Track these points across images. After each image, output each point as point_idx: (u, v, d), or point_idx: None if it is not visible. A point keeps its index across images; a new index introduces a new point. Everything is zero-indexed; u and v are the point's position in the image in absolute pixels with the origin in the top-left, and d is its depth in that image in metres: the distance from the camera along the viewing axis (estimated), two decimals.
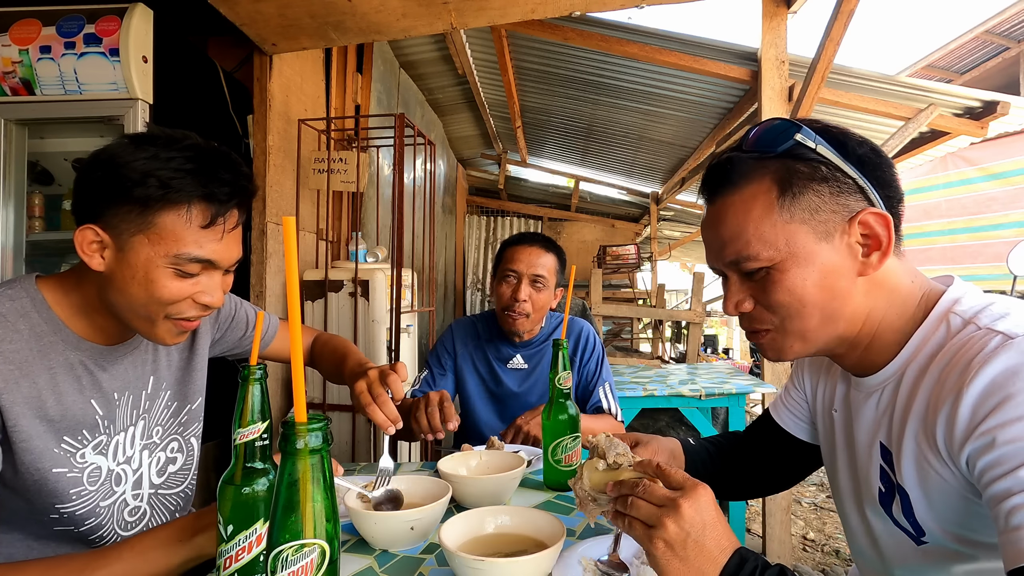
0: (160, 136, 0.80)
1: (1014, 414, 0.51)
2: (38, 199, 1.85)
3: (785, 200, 0.65)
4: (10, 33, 1.69)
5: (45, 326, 0.82)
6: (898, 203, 0.68)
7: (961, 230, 6.32)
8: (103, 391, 0.88)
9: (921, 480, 0.64)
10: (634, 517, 0.65)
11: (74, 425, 0.84)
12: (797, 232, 0.65)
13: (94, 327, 0.87)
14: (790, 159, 0.66)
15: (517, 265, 1.57)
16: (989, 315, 0.61)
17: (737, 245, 0.68)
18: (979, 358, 0.56)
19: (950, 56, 7.62)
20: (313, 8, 1.77)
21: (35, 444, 0.79)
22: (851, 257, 0.66)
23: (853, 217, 0.65)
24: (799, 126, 0.65)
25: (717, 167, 0.71)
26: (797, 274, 0.65)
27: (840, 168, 0.65)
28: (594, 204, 7.13)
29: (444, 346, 1.70)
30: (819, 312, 0.67)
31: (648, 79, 3.42)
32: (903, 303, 0.68)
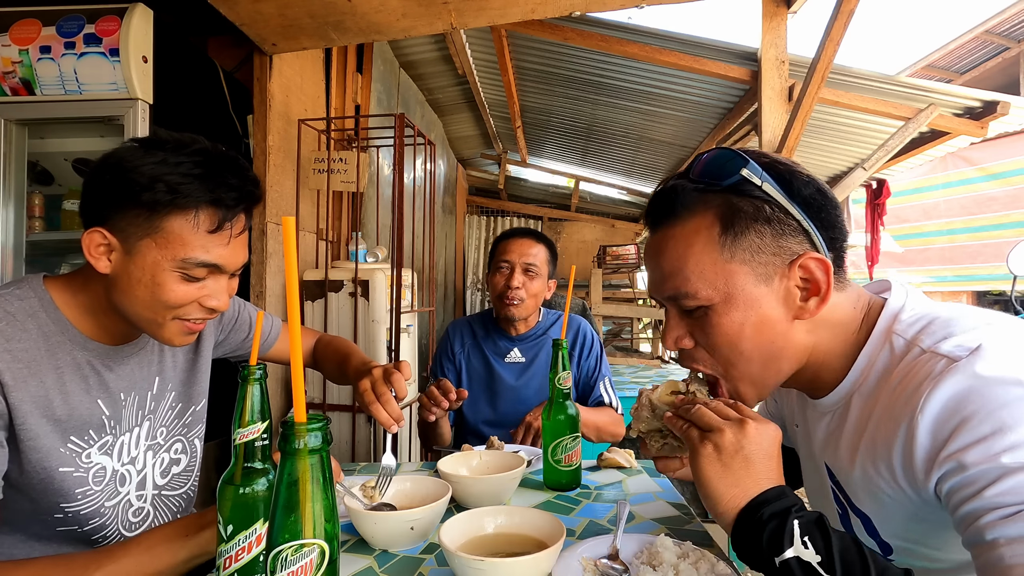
0: (168, 140, 0.80)
1: (973, 436, 0.51)
2: (38, 199, 1.85)
3: (727, 238, 0.64)
4: (10, 33, 1.69)
5: (53, 326, 0.83)
6: (842, 243, 0.67)
7: (960, 230, 6.32)
8: (109, 391, 0.89)
9: (878, 505, 0.64)
10: (694, 422, 0.66)
11: (80, 425, 0.85)
12: (737, 273, 0.64)
13: (101, 327, 0.88)
14: (735, 195, 0.64)
15: (510, 255, 1.65)
16: (931, 335, 0.60)
17: (676, 281, 0.67)
18: (925, 385, 0.56)
19: (950, 56, 7.62)
20: (313, 8, 1.77)
21: (42, 443, 0.80)
22: (789, 301, 0.65)
23: (794, 261, 0.63)
24: (746, 160, 0.64)
25: (661, 195, 0.70)
26: (735, 317, 0.64)
27: (784, 208, 0.63)
28: (594, 204, 7.13)
29: (444, 353, 1.75)
30: (760, 356, 0.66)
31: (648, 79, 3.42)
32: (845, 331, 0.67)
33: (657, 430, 0.77)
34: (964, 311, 0.62)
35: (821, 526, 0.57)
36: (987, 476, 0.50)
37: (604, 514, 1.01)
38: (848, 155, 3.83)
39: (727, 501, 0.61)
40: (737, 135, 3.78)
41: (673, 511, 1.01)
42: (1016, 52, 7.05)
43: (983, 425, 0.51)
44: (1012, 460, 0.49)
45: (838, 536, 0.56)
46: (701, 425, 0.65)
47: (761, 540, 0.57)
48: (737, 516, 0.60)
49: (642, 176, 5.80)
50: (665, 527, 0.94)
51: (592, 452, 1.62)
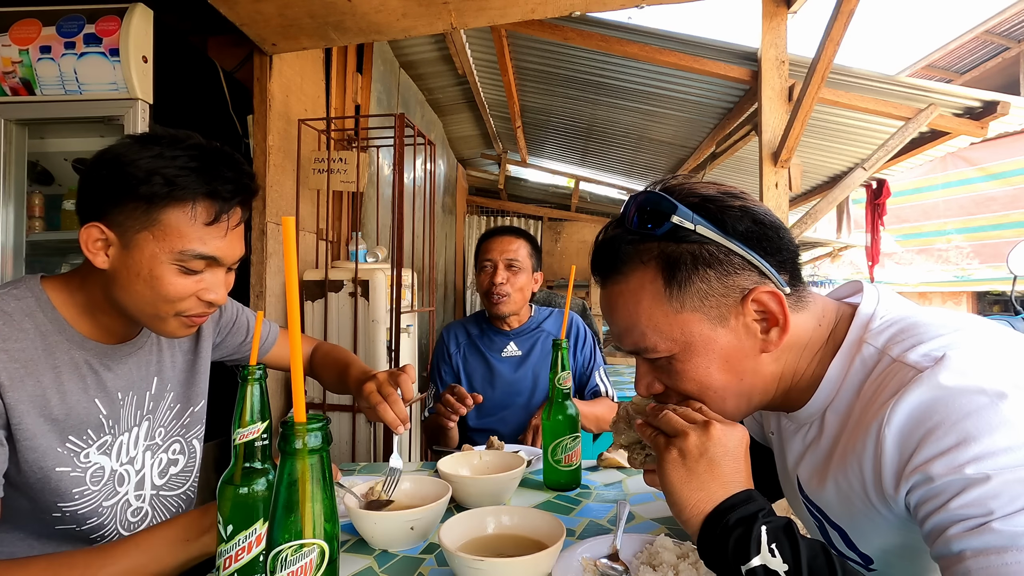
0: (164, 136, 0.81)
1: (938, 448, 0.51)
2: (38, 199, 1.85)
3: (672, 289, 0.63)
4: (10, 33, 1.69)
5: (50, 325, 0.83)
6: (794, 261, 0.66)
7: (960, 230, 6.32)
8: (107, 390, 0.89)
9: (852, 519, 0.63)
10: (661, 428, 0.66)
11: (78, 424, 0.85)
12: (690, 321, 0.63)
13: (98, 326, 0.88)
14: (672, 242, 0.63)
15: (491, 254, 1.69)
16: (900, 343, 0.58)
17: (633, 336, 0.66)
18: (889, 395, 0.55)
19: (950, 56, 7.63)
20: (313, 8, 1.77)
21: (39, 443, 0.80)
22: (750, 336, 0.64)
23: (745, 297, 0.62)
24: (675, 205, 0.62)
25: (601, 248, 0.69)
26: (699, 363, 0.64)
27: (724, 247, 0.62)
28: (594, 204, 7.13)
29: (440, 356, 1.78)
30: (731, 394, 0.66)
31: (648, 79, 3.42)
32: (811, 350, 0.66)
33: (637, 442, 0.76)
34: (935, 316, 0.61)
35: (789, 533, 0.55)
36: (952, 488, 0.50)
37: (604, 514, 1.01)
38: (848, 155, 3.84)
39: (692, 507, 0.60)
40: (737, 135, 3.78)
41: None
42: (1016, 52, 7.05)
43: (947, 436, 0.51)
44: (976, 471, 0.49)
45: (807, 544, 0.55)
46: (667, 431, 0.65)
47: (727, 547, 0.56)
48: (703, 522, 0.59)
49: (642, 176, 5.80)
50: (665, 527, 0.94)
51: (592, 452, 1.62)
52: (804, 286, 0.67)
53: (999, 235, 5.95)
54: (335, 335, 2.22)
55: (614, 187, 6.51)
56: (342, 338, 2.21)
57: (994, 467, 0.48)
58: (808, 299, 0.67)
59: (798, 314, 0.65)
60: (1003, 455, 0.48)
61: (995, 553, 0.47)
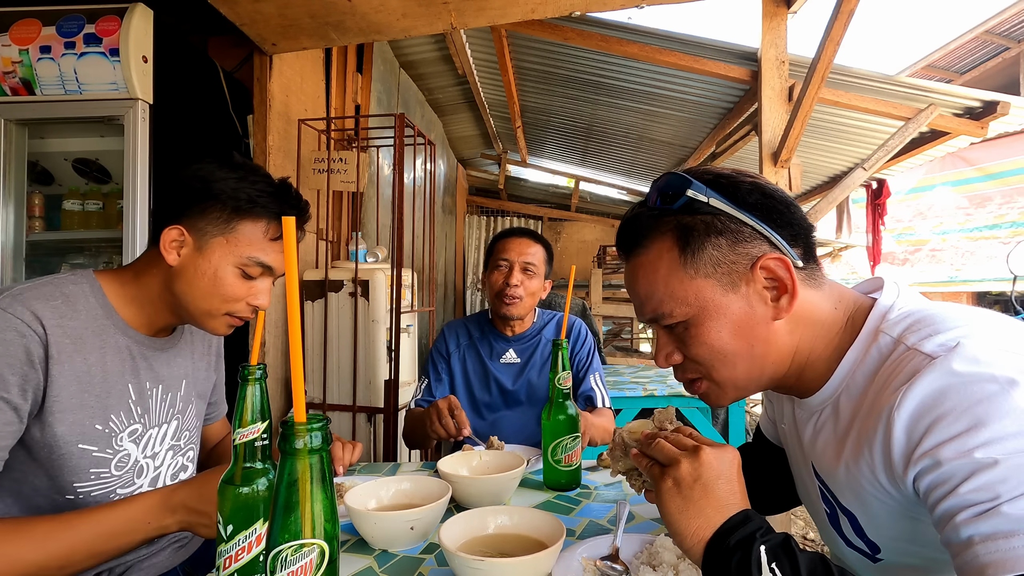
0: (243, 164, 0.98)
1: (948, 433, 0.52)
2: (38, 199, 1.85)
3: (687, 257, 0.67)
4: (10, 33, 1.69)
5: (100, 310, 0.92)
6: (806, 238, 0.69)
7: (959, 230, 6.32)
8: (139, 379, 0.96)
9: (862, 504, 0.64)
10: (654, 457, 0.68)
11: (114, 405, 0.91)
12: (704, 287, 0.67)
13: (142, 317, 0.97)
14: (687, 214, 0.67)
15: (508, 254, 1.66)
16: (916, 332, 0.60)
17: (652, 304, 0.70)
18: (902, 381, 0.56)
19: (950, 56, 7.62)
20: (313, 8, 1.77)
21: (75, 416, 0.86)
22: (762, 303, 0.66)
23: (754, 264, 0.65)
24: (690, 181, 0.67)
25: (625, 226, 0.74)
26: (712, 327, 0.67)
27: (734, 217, 0.66)
28: (594, 204, 7.13)
29: (439, 351, 1.75)
30: (742, 360, 0.68)
31: (648, 79, 3.42)
32: (828, 331, 0.68)
33: (633, 468, 0.77)
34: (953, 309, 0.62)
35: (788, 549, 0.57)
36: (961, 472, 0.50)
37: (604, 514, 1.01)
38: (848, 155, 3.84)
39: (692, 534, 0.61)
40: (737, 135, 3.78)
41: None
42: (1016, 52, 7.05)
43: (958, 422, 0.51)
44: (985, 455, 0.49)
45: (806, 558, 0.56)
46: (661, 459, 0.67)
47: (729, 570, 0.57)
48: (704, 550, 0.60)
49: (642, 176, 5.80)
50: (665, 527, 0.94)
51: (592, 452, 1.62)
52: (818, 265, 0.69)
53: (998, 235, 5.95)
54: (335, 335, 2.22)
55: (614, 187, 6.51)
56: (342, 338, 2.21)
57: (1003, 452, 0.49)
58: (822, 280, 0.70)
59: (812, 290, 0.68)
60: (1012, 440, 0.49)
61: (1003, 537, 0.47)
